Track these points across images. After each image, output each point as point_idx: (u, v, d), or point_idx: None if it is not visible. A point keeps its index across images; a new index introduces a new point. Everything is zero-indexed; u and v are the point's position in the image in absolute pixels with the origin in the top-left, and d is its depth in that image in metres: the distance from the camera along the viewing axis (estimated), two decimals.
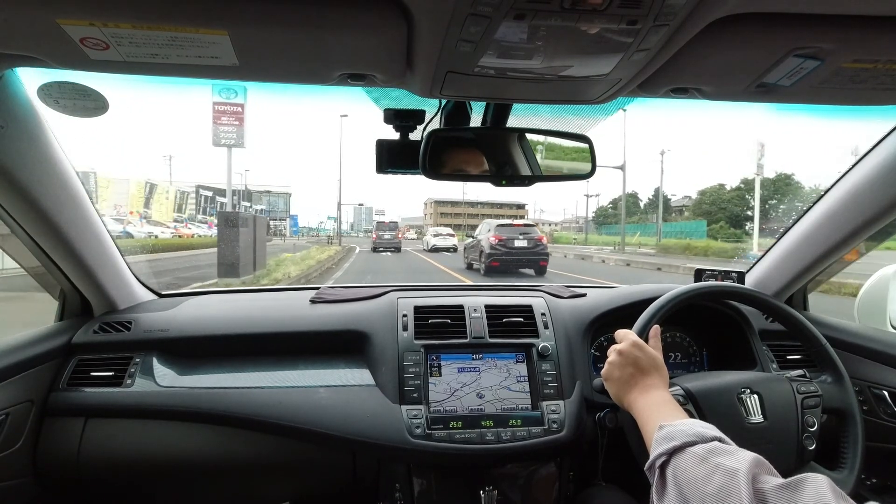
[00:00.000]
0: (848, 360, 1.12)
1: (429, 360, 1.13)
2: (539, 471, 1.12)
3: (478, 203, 71.13)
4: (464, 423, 1.04)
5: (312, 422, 1.04)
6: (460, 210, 70.49)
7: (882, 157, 1.06)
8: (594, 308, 1.26)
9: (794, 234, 1.30)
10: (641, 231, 40.73)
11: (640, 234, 33.92)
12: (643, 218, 53.85)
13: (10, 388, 0.98)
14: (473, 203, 70.06)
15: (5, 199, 0.92)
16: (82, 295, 1.20)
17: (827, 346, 0.97)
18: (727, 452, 0.58)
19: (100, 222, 1.13)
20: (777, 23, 0.58)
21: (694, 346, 1.34)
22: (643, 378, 0.80)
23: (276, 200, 52.45)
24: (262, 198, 52.62)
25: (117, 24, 0.55)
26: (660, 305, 0.96)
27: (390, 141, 0.93)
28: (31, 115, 0.86)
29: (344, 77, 0.70)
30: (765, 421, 0.87)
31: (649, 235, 34.06)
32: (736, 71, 0.68)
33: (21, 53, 0.64)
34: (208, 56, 0.63)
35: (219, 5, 0.54)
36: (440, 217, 70.54)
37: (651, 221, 44.93)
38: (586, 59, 0.61)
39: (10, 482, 1.00)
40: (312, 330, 1.23)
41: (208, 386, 1.10)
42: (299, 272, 10.59)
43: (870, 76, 0.68)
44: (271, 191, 53.21)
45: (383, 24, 0.57)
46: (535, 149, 0.98)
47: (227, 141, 14.76)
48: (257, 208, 50.15)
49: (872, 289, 1.44)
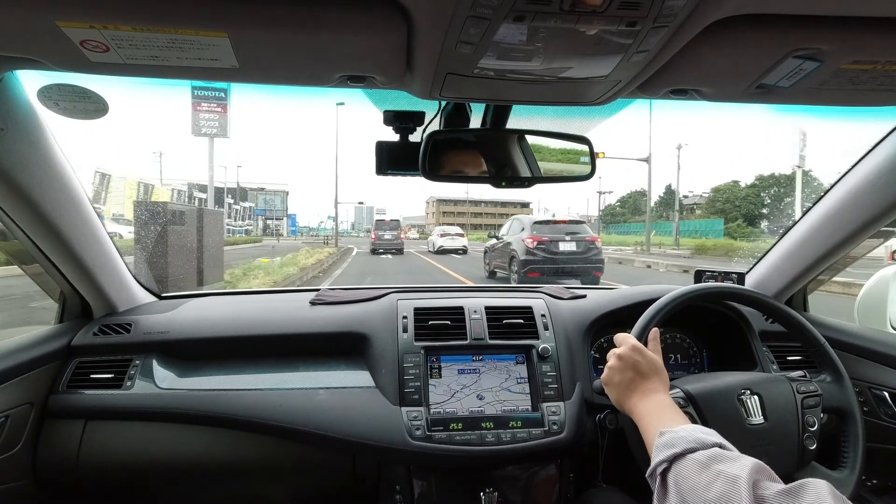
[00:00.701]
0: (848, 361, 1.12)
1: (429, 362, 1.13)
2: (539, 472, 1.11)
3: (481, 202, 69.72)
4: (464, 424, 1.04)
5: (312, 424, 1.04)
6: (463, 209, 69.57)
7: (881, 158, 1.06)
8: (594, 309, 1.26)
9: (795, 235, 1.30)
10: (656, 230, 38.75)
11: (655, 233, 32.00)
12: (654, 217, 52.03)
13: (9, 391, 0.98)
14: (476, 202, 68.76)
15: (5, 202, 0.92)
16: (82, 297, 1.20)
17: (826, 345, 0.97)
18: (728, 459, 0.58)
19: (99, 224, 1.13)
20: (776, 24, 0.58)
21: (694, 348, 1.34)
22: (643, 382, 0.80)
23: (272, 198, 50.80)
24: (258, 196, 50.53)
25: (117, 26, 0.55)
26: (658, 308, 0.95)
27: (390, 143, 0.93)
28: (31, 118, 0.86)
29: (344, 79, 0.70)
30: (765, 422, 0.87)
31: (664, 234, 32.41)
32: (735, 72, 0.68)
33: (21, 56, 0.64)
34: (208, 58, 0.63)
35: (219, 7, 0.54)
36: (442, 216, 69.54)
37: (662, 220, 43.45)
38: (586, 60, 0.61)
39: (9, 484, 1.00)
40: (312, 332, 1.23)
41: (208, 388, 1.10)
42: (271, 286, 7.53)
43: (869, 77, 0.68)
44: (265, 188, 51.10)
45: (383, 26, 0.57)
46: (537, 152, 0.98)
47: (209, 130, 13.83)
48: (246, 205, 47.40)
49: (872, 290, 1.45)
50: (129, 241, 13.18)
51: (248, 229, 45.58)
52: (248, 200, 50.99)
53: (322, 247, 20.28)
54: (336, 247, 21.22)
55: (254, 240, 31.44)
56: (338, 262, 14.64)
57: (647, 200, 28.81)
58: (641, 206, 59.27)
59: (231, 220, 43.63)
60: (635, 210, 58.95)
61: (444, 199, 71.87)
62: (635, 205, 59.87)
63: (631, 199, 61.80)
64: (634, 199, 60.87)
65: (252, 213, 49.43)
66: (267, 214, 49.90)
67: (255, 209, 49.86)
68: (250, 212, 49.81)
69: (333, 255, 15.92)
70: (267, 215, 49.88)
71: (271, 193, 51.61)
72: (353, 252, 20.08)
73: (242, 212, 49.33)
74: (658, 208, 54.27)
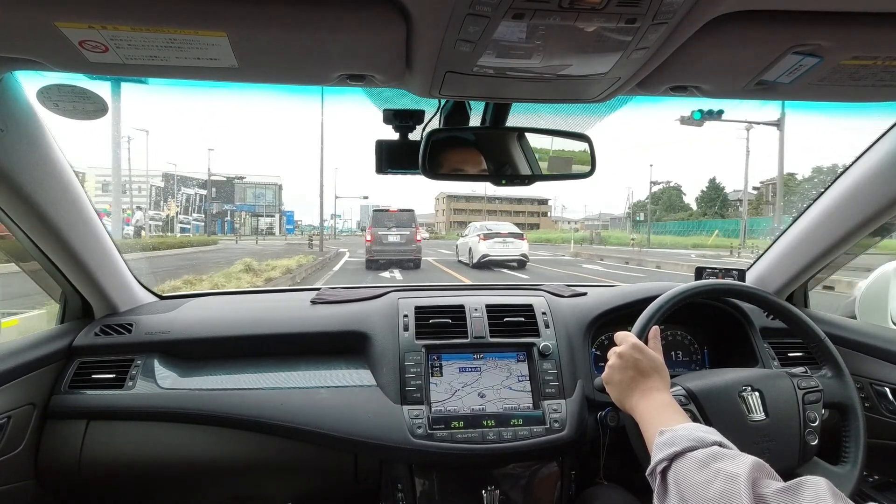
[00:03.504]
0: (849, 357, 1.12)
1: (430, 360, 1.13)
2: (541, 470, 1.12)
3: (496, 198, 63.91)
4: (465, 422, 1.04)
5: (314, 423, 1.04)
6: (477, 206, 64.20)
7: (882, 154, 1.06)
8: (595, 307, 1.26)
9: (795, 232, 1.30)
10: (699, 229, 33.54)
11: (719, 234, 28.09)
12: (697, 214, 46.29)
13: (11, 392, 0.98)
14: (491, 198, 62.94)
15: (6, 203, 0.92)
16: (83, 297, 1.20)
17: (826, 340, 0.97)
18: (728, 457, 0.58)
19: (100, 225, 1.13)
20: (776, 20, 0.58)
21: (695, 345, 1.34)
22: (644, 381, 0.80)
23: (261, 192, 42.93)
24: (246, 190, 41.63)
25: (116, 26, 0.55)
26: (659, 305, 0.95)
27: (390, 141, 0.93)
28: (31, 118, 0.86)
29: (343, 78, 0.70)
30: (767, 418, 0.87)
31: (706, 234, 29.28)
32: (735, 69, 0.68)
33: (20, 57, 0.64)
34: (207, 58, 0.63)
35: (218, 7, 0.54)
36: (453, 213, 65.64)
37: (706, 218, 39.36)
38: (585, 57, 0.61)
39: (12, 485, 1.00)
40: (313, 331, 1.23)
41: (210, 388, 1.10)
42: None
43: (869, 73, 0.68)
44: (244, 177, 41.39)
45: (382, 24, 0.57)
46: (538, 150, 0.98)
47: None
48: (191, 192, 37.51)
49: (873, 286, 1.44)
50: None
51: (199, 225, 36.58)
52: (236, 194, 42.67)
53: (308, 250, 15.24)
54: (319, 252, 15.38)
55: (202, 241, 22.25)
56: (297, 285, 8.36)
57: (778, 183, 18.41)
58: (676, 203, 54.00)
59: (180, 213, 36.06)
60: (670, 207, 53.59)
61: (456, 195, 67.03)
62: (669, 201, 54.71)
63: (665, 195, 55.36)
64: (668, 194, 55.50)
65: (205, 203, 39.59)
66: (256, 210, 42.87)
67: (242, 205, 42.37)
68: (200, 201, 40.36)
69: (305, 267, 10.87)
70: (256, 211, 42.79)
71: (260, 186, 43.78)
72: (343, 259, 14.54)
73: (187, 201, 39.52)
74: (702, 204, 49.19)
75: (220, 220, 42.00)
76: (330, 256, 14.91)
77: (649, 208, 39.60)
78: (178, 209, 37.24)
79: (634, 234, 32.67)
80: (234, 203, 43.25)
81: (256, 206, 43.44)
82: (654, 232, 34.92)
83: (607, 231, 41.84)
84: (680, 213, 50.83)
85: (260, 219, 43.16)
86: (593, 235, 37.11)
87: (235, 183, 43.07)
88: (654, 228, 37.36)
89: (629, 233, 35.43)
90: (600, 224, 61.70)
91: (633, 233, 33.97)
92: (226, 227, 40.88)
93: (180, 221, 35.66)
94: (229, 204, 42.83)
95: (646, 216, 41.81)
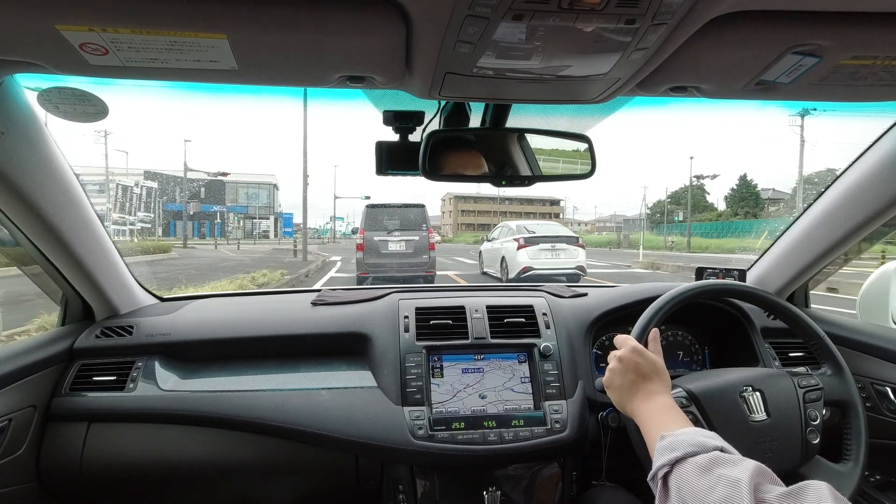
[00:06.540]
0: (850, 357, 1.12)
1: (430, 362, 1.13)
2: (542, 471, 1.11)
3: (505, 199, 61.94)
4: (466, 423, 1.04)
5: (315, 424, 1.04)
6: (486, 207, 62.58)
7: (882, 154, 1.06)
8: (596, 307, 1.26)
9: (796, 231, 1.30)
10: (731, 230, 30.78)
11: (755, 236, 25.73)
12: (728, 215, 43.34)
13: (12, 394, 0.98)
14: (502, 199, 61.07)
15: (6, 205, 0.92)
16: (84, 300, 1.20)
17: (825, 338, 0.97)
18: (729, 462, 0.58)
19: (101, 227, 1.13)
20: (775, 20, 0.58)
21: (696, 345, 1.34)
22: (645, 384, 0.79)
23: (255, 193, 38.25)
24: (238, 190, 36.41)
25: (116, 28, 0.55)
26: (658, 307, 0.95)
27: (390, 143, 0.93)
28: (32, 121, 0.86)
29: (343, 79, 0.70)
30: (768, 418, 0.87)
31: (740, 235, 27.20)
32: (735, 69, 0.68)
33: (21, 59, 0.64)
34: (207, 60, 0.63)
35: (218, 9, 0.54)
36: (461, 215, 64.22)
37: (737, 219, 36.37)
38: (585, 58, 0.61)
39: (13, 487, 1.00)
40: (314, 332, 1.23)
41: (210, 389, 1.10)
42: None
43: (869, 73, 0.68)
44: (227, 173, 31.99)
45: (382, 26, 0.57)
46: (538, 151, 0.98)
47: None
48: (129, 184, 30.45)
49: (874, 285, 1.44)
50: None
51: (142, 226, 29.43)
52: (227, 195, 38.33)
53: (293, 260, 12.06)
54: (302, 262, 12.58)
55: (143, 248, 15.92)
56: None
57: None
58: (700, 202, 50.63)
59: (122, 212, 29.24)
60: (694, 206, 48.57)
61: (464, 195, 63.87)
62: (693, 200, 50.30)
63: (685, 194, 53.01)
64: (692, 193, 52.40)
65: (156, 197, 33.61)
66: (249, 212, 39.02)
67: (234, 206, 38.16)
68: (143, 196, 33.14)
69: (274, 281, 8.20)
70: (249, 213, 39.04)
71: (253, 186, 39.09)
72: (328, 275, 10.81)
73: (132, 196, 31.86)
74: (732, 203, 46.63)
75: (209, 223, 38.35)
76: (310, 271, 11.10)
77: (689, 207, 34.08)
78: (111, 206, 28.45)
79: (673, 236, 29.75)
80: (226, 204, 39.64)
81: (249, 207, 39.79)
82: (682, 233, 31.10)
83: (635, 234, 35.31)
84: (705, 214, 48.21)
85: (254, 221, 39.64)
86: (621, 238, 33.80)
87: (222, 181, 37.34)
88: (681, 230, 33.59)
89: (646, 234, 32.77)
90: (614, 225, 59.23)
91: (667, 235, 30.80)
92: (215, 230, 37.18)
93: (115, 222, 27.16)
94: (219, 205, 39.14)
95: (684, 216, 37.62)
